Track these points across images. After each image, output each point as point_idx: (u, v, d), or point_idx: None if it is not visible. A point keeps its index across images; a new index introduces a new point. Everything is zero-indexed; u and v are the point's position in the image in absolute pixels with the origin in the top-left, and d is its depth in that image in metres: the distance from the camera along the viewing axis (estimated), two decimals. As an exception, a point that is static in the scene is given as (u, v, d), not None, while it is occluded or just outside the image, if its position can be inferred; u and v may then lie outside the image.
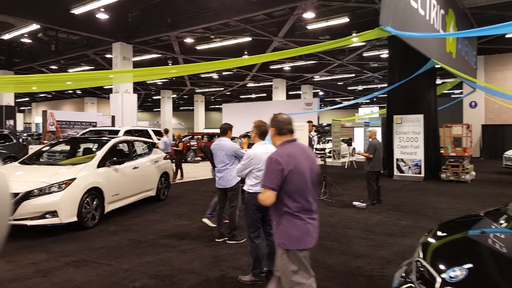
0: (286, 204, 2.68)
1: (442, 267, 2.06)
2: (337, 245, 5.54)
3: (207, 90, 36.15)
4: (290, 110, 20.77)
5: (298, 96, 33.63)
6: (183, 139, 17.28)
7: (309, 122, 10.20)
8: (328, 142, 20.88)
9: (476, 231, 2.59)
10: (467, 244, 2.47)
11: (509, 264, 2.11)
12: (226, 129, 5.69)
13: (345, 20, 15.32)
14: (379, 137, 12.83)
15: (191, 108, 44.14)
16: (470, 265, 2.03)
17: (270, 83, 30.25)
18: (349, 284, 4.15)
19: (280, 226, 2.71)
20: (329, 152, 20.01)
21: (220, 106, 35.92)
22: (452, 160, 12.75)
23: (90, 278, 4.29)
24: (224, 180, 5.56)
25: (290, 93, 34.07)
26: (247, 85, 33.11)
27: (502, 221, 2.56)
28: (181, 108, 53.25)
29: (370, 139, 8.89)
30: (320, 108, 27.13)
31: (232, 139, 6.08)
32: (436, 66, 13.12)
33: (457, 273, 1.94)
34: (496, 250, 2.33)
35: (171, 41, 18.99)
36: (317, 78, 29.85)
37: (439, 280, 1.97)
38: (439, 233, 2.68)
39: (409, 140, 13.08)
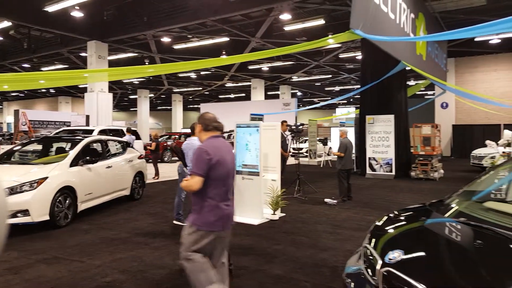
0: (210, 191, 2.97)
1: (384, 251, 2.28)
2: (306, 240, 5.76)
3: (185, 89, 36.01)
4: (268, 110, 21.02)
5: (276, 96, 33.97)
6: (159, 139, 17.25)
7: (284, 122, 10.39)
8: (304, 142, 21.28)
9: (419, 220, 2.84)
10: (409, 231, 2.73)
11: (443, 246, 2.36)
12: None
13: (321, 22, 15.65)
14: (352, 137, 13.22)
15: (169, 107, 43.85)
16: (407, 248, 2.26)
17: (248, 83, 30.44)
18: (313, 274, 4.36)
19: (201, 212, 2.98)
20: (306, 152, 20.38)
21: (199, 106, 35.87)
22: (421, 158, 13.22)
23: (61, 274, 4.35)
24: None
25: (268, 93, 34.39)
26: (226, 85, 33.20)
27: (444, 211, 2.82)
28: (159, 107, 52.80)
29: (341, 138, 9.15)
30: (298, 108, 27.48)
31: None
32: (407, 68, 13.58)
33: (395, 255, 2.16)
34: (435, 234, 2.58)
35: (147, 40, 18.90)
36: (295, 78, 30.24)
37: (380, 262, 2.19)
38: (387, 222, 2.92)
39: (381, 139, 13.49)
